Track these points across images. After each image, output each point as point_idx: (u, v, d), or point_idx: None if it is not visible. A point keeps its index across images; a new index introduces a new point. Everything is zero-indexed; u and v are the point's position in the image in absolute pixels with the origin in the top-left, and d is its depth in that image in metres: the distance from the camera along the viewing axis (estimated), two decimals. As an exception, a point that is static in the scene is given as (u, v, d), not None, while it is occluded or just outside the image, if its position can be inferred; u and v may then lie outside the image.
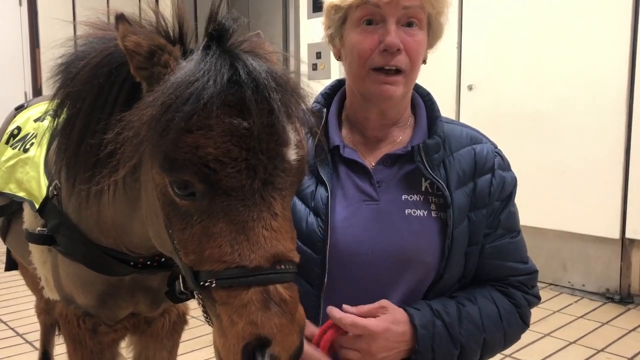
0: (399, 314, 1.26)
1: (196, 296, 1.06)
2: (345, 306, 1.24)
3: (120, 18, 1.04)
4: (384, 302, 1.26)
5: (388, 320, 1.23)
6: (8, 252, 2.14)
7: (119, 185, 1.16)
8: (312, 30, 5.41)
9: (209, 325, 1.04)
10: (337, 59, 1.41)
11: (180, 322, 1.77)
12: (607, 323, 3.55)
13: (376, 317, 1.23)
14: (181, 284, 1.15)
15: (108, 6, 6.49)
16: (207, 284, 0.96)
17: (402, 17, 1.26)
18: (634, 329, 3.44)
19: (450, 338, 1.28)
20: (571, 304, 3.89)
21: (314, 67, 5.34)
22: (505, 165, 1.40)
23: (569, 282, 4.14)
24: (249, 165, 0.94)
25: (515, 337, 1.42)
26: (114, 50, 1.13)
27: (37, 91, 6.78)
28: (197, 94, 0.92)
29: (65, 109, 1.23)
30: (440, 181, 1.31)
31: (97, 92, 1.14)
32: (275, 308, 0.91)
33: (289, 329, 0.92)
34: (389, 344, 1.22)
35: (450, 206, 1.30)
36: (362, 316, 1.22)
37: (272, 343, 0.90)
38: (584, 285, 4.07)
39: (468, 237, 1.33)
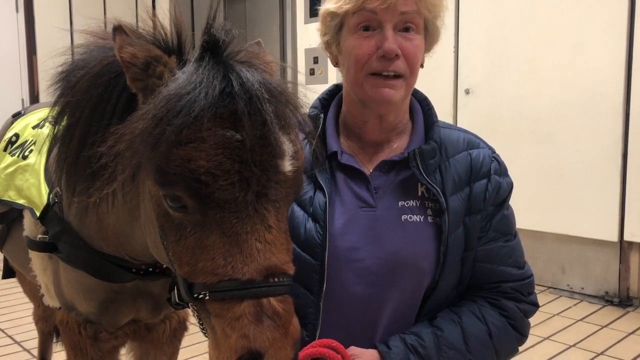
0: (369, 356, 1.26)
1: (191, 307, 1.06)
2: None
3: (118, 29, 1.04)
4: (352, 349, 1.26)
5: None
6: (5, 260, 2.13)
7: (117, 196, 1.15)
8: (309, 36, 5.42)
9: (205, 336, 1.04)
10: (335, 66, 1.41)
11: (181, 328, 1.76)
12: (606, 326, 3.55)
13: None
14: (176, 295, 1.14)
15: (105, 14, 6.51)
16: (200, 296, 0.95)
17: (399, 22, 1.26)
18: (633, 332, 3.44)
19: None
20: (570, 307, 3.89)
21: (312, 72, 5.35)
22: (502, 171, 1.39)
23: (568, 285, 4.14)
24: (241, 177, 0.93)
25: (511, 351, 1.40)
26: (113, 59, 1.13)
27: (34, 98, 6.77)
28: (188, 107, 0.92)
29: (65, 118, 1.23)
30: (435, 186, 1.31)
31: (95, 102, 1.14)
32: (268, 321, 0.91)
33: (282, 343, 0.91)
34: None
35: (445, 212, 1.30)
36: None
37: (264, 357, 0.90)
38: (583, 288, 4.08)
39: (464, 243, 1.33)
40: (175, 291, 1.15)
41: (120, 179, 0.99)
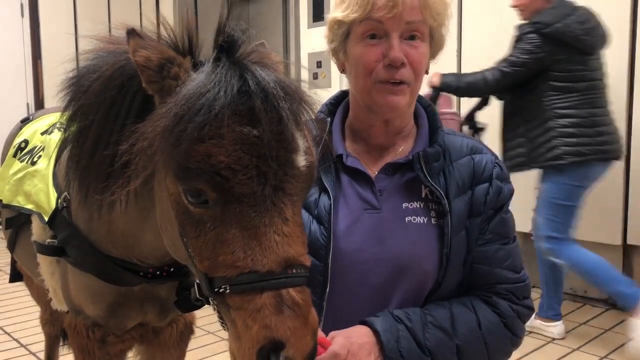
0: (355, 328, 1.27)
1: (211, 302, 1.08)
2: None
3: (131, 32, 1.06)
4: (332, 333, 1.26)
5: (343, 333, 1.24)
6: (12, 264, 2.15)
7: (131, 196, 1.17)
8: (312, 40, 5.45)
9: (224, 329, 1.06)
10: (341, 72, 1.43)
11: (188, 331, 1.78)
12: (609, 329, 3.56)
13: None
14: (196, 291, 1.17)
15: (109, 19, 6.54)
16: (221, 290, 0.97)
17: (404, 31, 1.28)
18: (636, 335, 3.44)
19: (416, 343, 1.27)
20: (573, 310, 3.89)
21: (315, 76, 5.37)
22: (504, 176, 1.40)
23: (571, 288, 4.14)
24: (259, 172, 0.96)
25: (503, 349, 1.39)
26: (126, 63, 1.15)
27: (39, 103, 6.80)
28: (208, 105, 0.95)
29: (76, 122, 1.25)
30: (439, 189, 1.32)
31: (109, 104, 1.16)
32: (289, 311, 0.93)
33: (303, 332, 0.93)
34: (362, 351, 1.23)
35: (447, 214, 1.32)
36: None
37: (286, 346, 0.91)
38: (585, 292, 4.08)
39: (466, 246, 1.34)
40: (196, 287, 1.18)
41: (143, 175, 1.02)
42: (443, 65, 1.70)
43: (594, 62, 3.19)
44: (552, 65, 3.16)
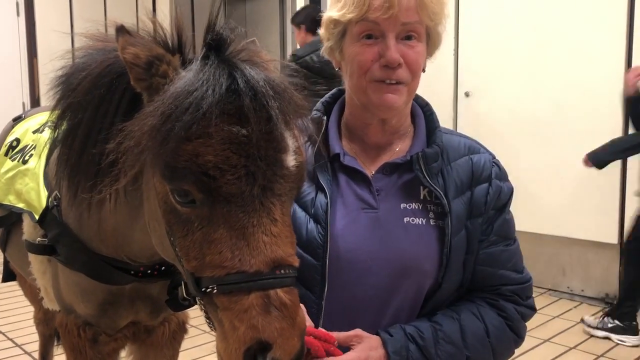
0: (374, 341, 1.26)
1: (198, 302, 1.07)
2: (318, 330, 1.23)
3: (121, 30, 1.05)
4: (358, 331, 1.26)
5: (365, 349, 1.23)
6: (5, 263, 2.14)
7: (120, 195, 1.16)
8: (309, 39, 5.41)
9: (212, 330, 1.05)
10: (337, 70, 1.42)
11: (180, 330, 1.77)
12: (606, 328, 3.55)
13: (351, 345, 1.23)
14: (184, 291, 1.15)
15: (105, 17, 6.52)
16: (208, 289, 0.96)
17: (401, 32, 1.27)
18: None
19: None
20: (570, 309, 3.89)
21: (312, 75, 5.35)
22: (503, 175, 1.40)
23: (568, 287, 4.14)
24: (248, 171, 0.95)
25: (507, 352, 1.40)
26: (114, 61, 1.14)
27: (35, 101, 6.79)
28: (196, 104, 0.94)
29: (66, 120, 1.24)
30: (439, 189, 1.32)
31: (98, 102, 1.15)
32: (276, 312, 0.92)
33: (290, 333, 0.92)
34: None
35: (448, 215, 1.31)
36: (338, 342, 1.22)
37: (273, 347, 0.91)
38: (583, 291, 4.08)
39: (466, 246, 1.34)
40: (183, 287, 1.16)
41: (130, 174, 1.01)
42: (440, 64, 1.69)
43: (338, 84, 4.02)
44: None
